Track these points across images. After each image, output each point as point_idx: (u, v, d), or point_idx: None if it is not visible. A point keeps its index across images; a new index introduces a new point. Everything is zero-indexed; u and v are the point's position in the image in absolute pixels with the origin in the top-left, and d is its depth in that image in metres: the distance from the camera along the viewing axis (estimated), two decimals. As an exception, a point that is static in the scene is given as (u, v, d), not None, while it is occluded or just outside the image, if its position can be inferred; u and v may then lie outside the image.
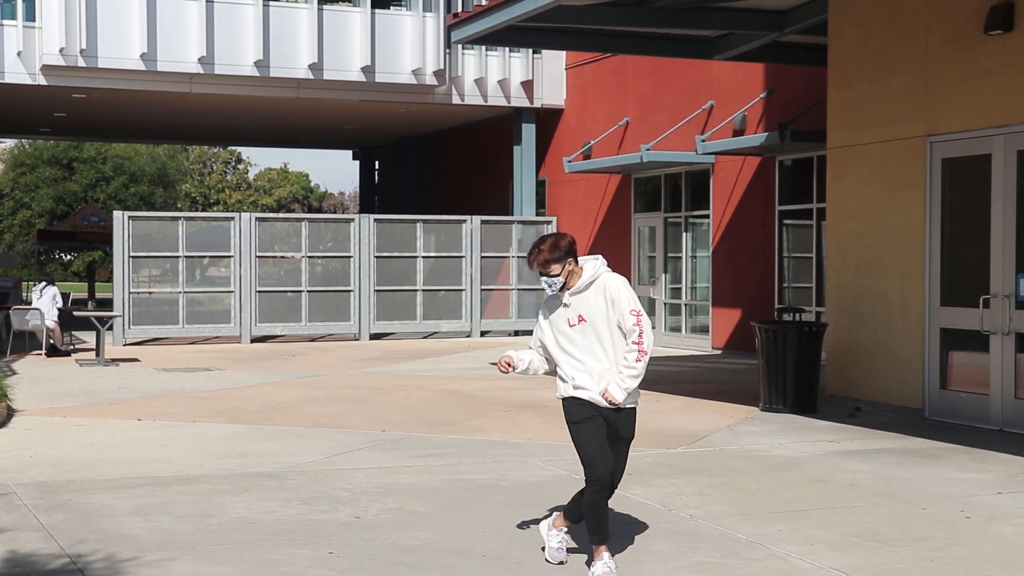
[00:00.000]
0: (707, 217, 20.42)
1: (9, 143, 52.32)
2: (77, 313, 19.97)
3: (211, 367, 17.22)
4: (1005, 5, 10.80)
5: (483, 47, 23.45)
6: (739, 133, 18.91)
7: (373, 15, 22.61)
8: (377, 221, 23.01)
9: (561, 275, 6.02)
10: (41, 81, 21.36)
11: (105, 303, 34.31)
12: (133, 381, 15.25)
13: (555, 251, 5.98)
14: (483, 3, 14.43)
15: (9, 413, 11.79)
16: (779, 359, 12.25)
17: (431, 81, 23.02)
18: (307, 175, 69.84)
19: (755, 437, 10.66)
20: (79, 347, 20.30)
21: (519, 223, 24.16)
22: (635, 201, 22.42)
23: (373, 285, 22.71)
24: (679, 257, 21.33)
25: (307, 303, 22.43)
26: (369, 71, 22.57)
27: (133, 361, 18.10)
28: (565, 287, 6.06)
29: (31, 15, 21.19)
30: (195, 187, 64.70)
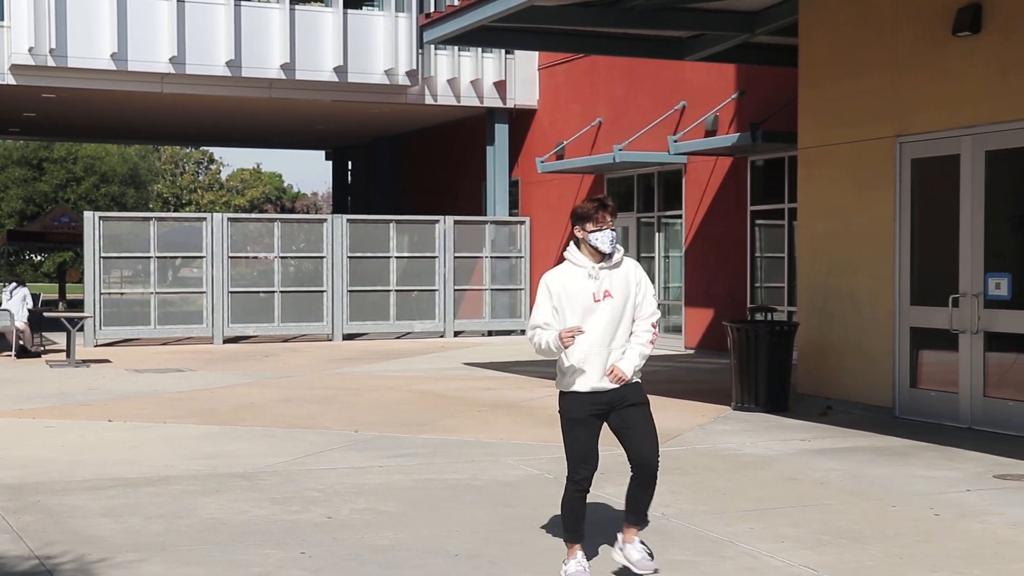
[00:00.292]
0: (679, 217, 20.48)
1: (-22, 143, 51.92)
2: (47, 314, 19.85)
3: (183, 368, 17.14)
4: (972, 7, 10.90)
5: (456, 47, 23.44)
6: (711, 134, 18.98)
7: (345, 15, 22.56)
8: (350, 221, 22.97)
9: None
10: (10, 81, 21.20)
11: (76, 304, 34.09)
12: (104, 382, 15.16)
13: (615, 212, 5.95)
14: (455, 3, 14.43)
15: (-22, 415, 11.70)
16: (751, 358, 12.31)
17: (404, 81, 22.99)
18: (280, 175, 69.63)
19: (727, 436, 10.71)
20: (49, 348, 20.15)
21: (492, 223, 24.17)
22: (608, 201, 22.41)
23: (346, 285, 22.66)
24: (652, 257, 21.38)
25: (280, 304, 22.35)
26: (341, 71, 22.52)
27: (104, 362, 18.00)
28: (600, 259, 5.88)
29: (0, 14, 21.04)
30: (167, 187, 64.38)
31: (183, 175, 65.81)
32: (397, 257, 23.25)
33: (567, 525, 6.03)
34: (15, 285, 19.75)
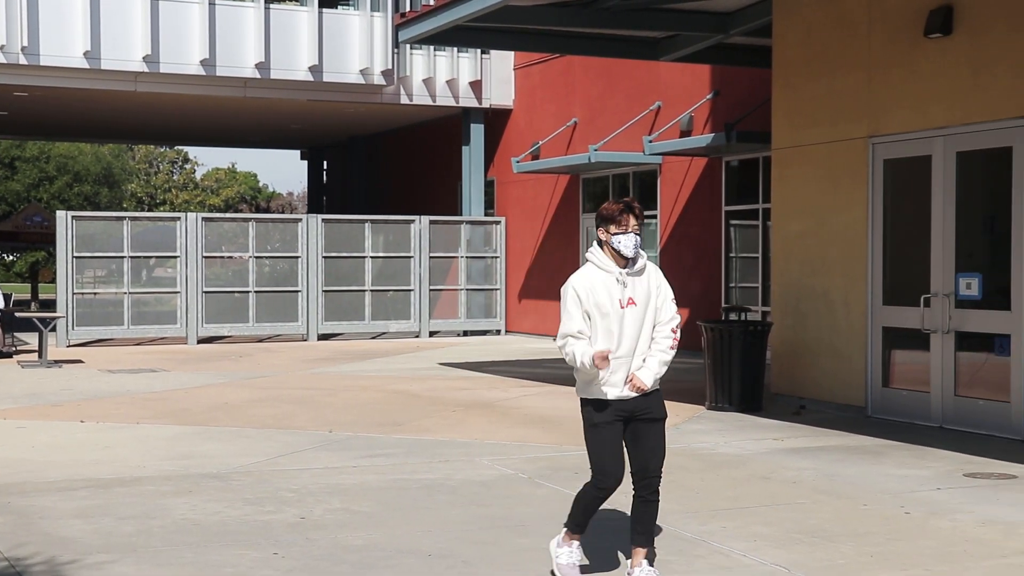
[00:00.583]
0: (655, 217, 20.53)
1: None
2: (19, 314, 19.68)
3: (156, 368, 17.06)
4: (944, 8, 10.97)
5: (431, 47, 23.43)
6: (686, 134, 19.03)
7: (320, 14, 22.51)
8: (325, 221, 22.92)
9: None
10: (-18, 79, 21.06)
11: (48, 304, 33.85)
12: (76, 383, 15.07)
13: (641, 214, 5.80)
14: (430, 3, 14.42)
15: (-52, 416, 11.62)
16: (725, 358, 12.36)
17: (379, 81, 22.95)
18: (255, 175, 69.39)
19: (701, 435, 10.75)
20: (21, 349, 20.02)
21: (468, 223, 24.17)
22: (583, 201, 22.50)
23: (321, 285, 22.62)
24: (627, 257, 21.39)
25: (254, 304, 22.28)
26: (317, 71, 22.46)
27: (77, 363, 17.89)
28: (624, 264, 5.77)
29: (-29, 12, 20.88)
30: (141, 187, 64.04)
31: (157, 174, 65.48)
32: (372, 257, 23.21)
33: (574, 517, 5.93)
34: (-13, 285, 19.58)
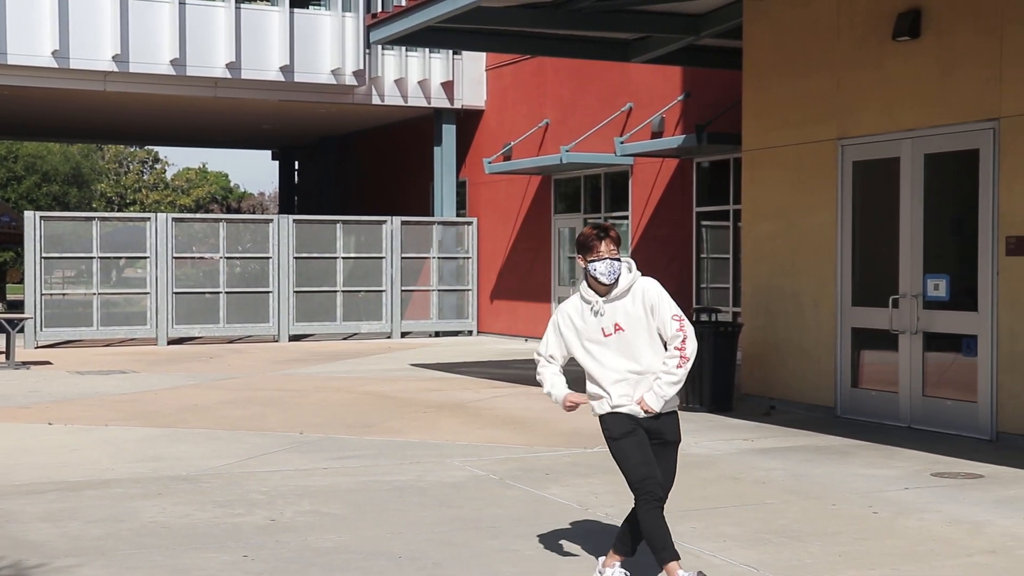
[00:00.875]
0: (626, 218, 20.58)
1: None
2: (-13, 315, 19.53)
3: (126, 370, 16.96)
4: (912, 12, 11.05)
5: (403, 48, 23.40)
6: (657, 135, 19.10)
7: (292, 14, 22.44)
8: (296, 222, 22.85)
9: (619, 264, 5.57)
10: (-51, 78, 20.88)
11: (16, 305, 33.59)
12: (45, 384, 14.96)
13: (617, 238, 5.60)
14: (402, 4, 14.41)
15: (-86, 418, 11.50)
16: (696, 359, 12.37)
17: (351, 81, 22.91)
18: (226, 175, 69.03)
19: (671, 436, 10.77)
20: (-11, 350, 19.85)
21: (439, 224, 24.16)
22: (555, 202, 22.53)
23: (292, 286, 22.55)
24: (598, 258, 21.43)
25: (225, 304, 22.19)
26: (288, 71, 22.39)
27: (45, 364, 17.75)
28: (605, 291, 5.61)
29: (-62, 10, 20.71)
30: (111, 187, 63.62)
31: (127, 174, 65.06)
32: (344, 258, 23.17)
33: (656, 545, 5.55)
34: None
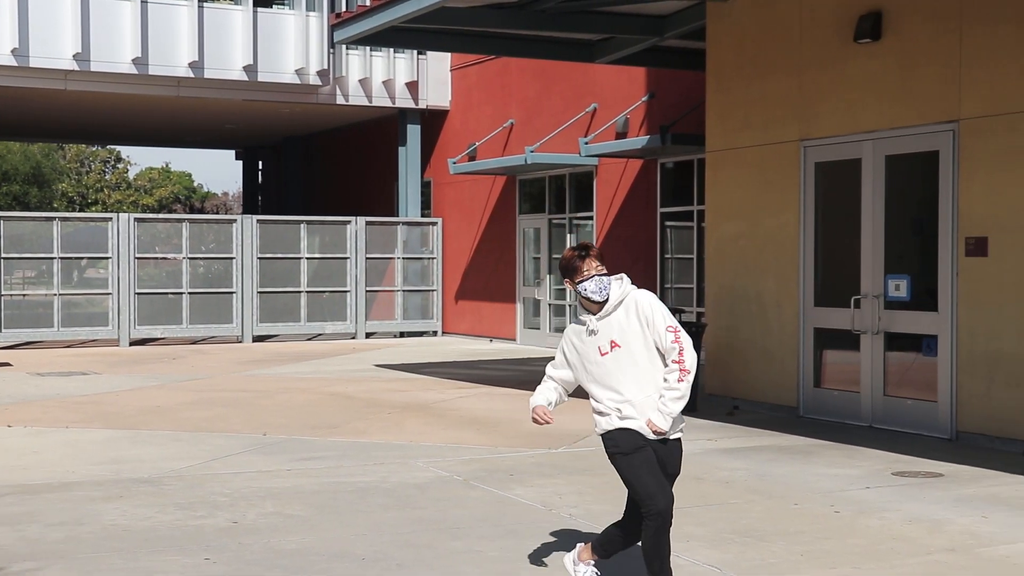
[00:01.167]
0: (591, 218, 20.62)
1: None
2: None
3: (87, 371, 16.81)
4: (873, 15, 11.14)
5: (367, 48, 23.33)
6: (622, 136, 19.14)
7: (255, 13, 22.31)
8: (260, 222, 22.73)
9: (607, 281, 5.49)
10: (-94, 76, 20.61)
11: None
12: (4, 386, 14.79)
13: (599, 255, 5.55)
14: (366, 4, 14.36)
15: None
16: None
17: (315, 81, 22.81)
18: (190, 175, 68.54)
19: (635, 436, 10.80)
20: (-52, 351, 19.64)
21: (404, 224, 24.11)
22: (520, 202, 22.53)
23: (256, 287, 22.43)
24: (563, 258, 21.45)
25: (188, 305, 22.05)
26: (251, 70, 22.26)
27: (5, 365, 17.56)
28: (597, 309, 5.53)
29: None
30: (72, 187, 63.02)
31: (89, 174, 64.48)
32: (308, 258, 23.07)
33: (654, 568, 5.40)
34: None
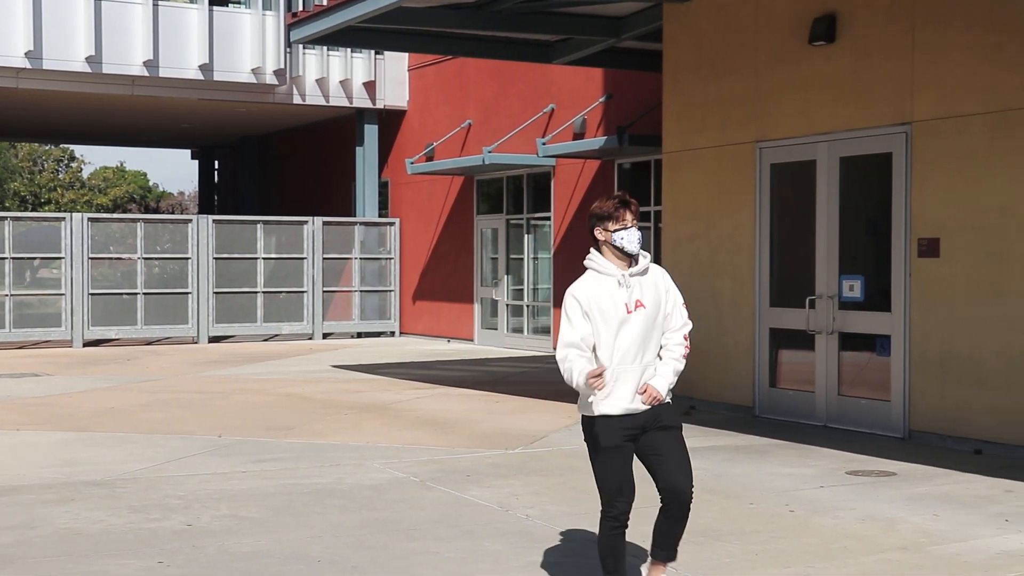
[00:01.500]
0: (548, 219, 20.65)
1: None
2: None
3: (39, 372, 16.61)
4: (827, 17, 11.23)
5: (324, 47, 23.23)
6: (579, 136, 19.18)
7: (211, 12, 22.14)
8: (216, 222, 22.58)
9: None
10: None
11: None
12: (-45, 388, 14.61)
13: (637, 211, 5.41)
14: (323, 3, 14.29)
15: None
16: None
17: (271, 80, 22.68)
18: (145, 174, 67.90)
19: (592, 436, 10.81)
20: None
21: (361, 224, 24.03)
22: (477, 203, 22.52)
23: (212, 287, 22.27)
24: (521, 259, 21.50)
25: (143, 305, 21.85)
26: (207, 69, 22.10)
27: (-45, 367, 17.36)
28: (627, 264, 5.37)
29: None
30: (24, 186, 62.27)
31: (42, 173, 63.73)
32: (265, 258, 22.94)
33: (606, 566, 5.33)
34: None
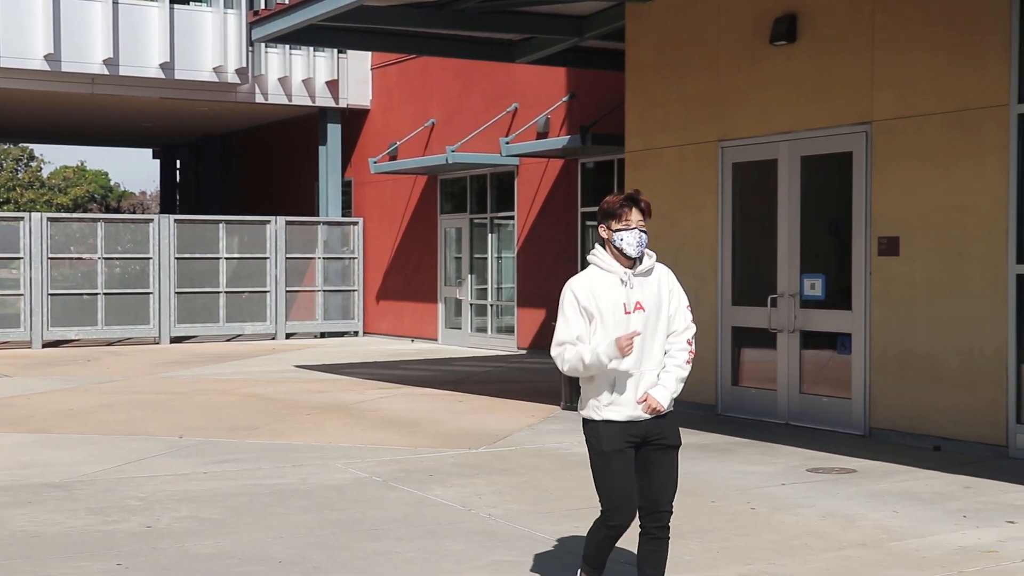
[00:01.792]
0: (512, 218, 20.65)
1: None
2: None
3: (-2, 374, 16.45)
4: (788, 17, 11.29)
5: (287, 46, 23.12)
6: (543, 136, 19.20)
7: (172, 10, 21.98)
8: (178, 222, 22.42)
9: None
10: None
11: None
12: (-89, 390, 14.43)
13: (648, 209, 5.23)
14: (285, 2, 14.22)
15: None
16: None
17: (233, 79, 22.54)
18: (106, 174, 67.31)
19: (555, 436, 10.83)
20: None
21: (324, 224, 23.94)
22: (441, 202, 22.49)
23: (174, 287, 22.11)
24: (485, 258, 21.50)
25: (104, 306, 21.66)
26: (168, 68, 21.93)
27: (-88, 369, 17.14)
28: (629, 265, 5.22)
29: None
30: (-17, 185, 61.58)
31: (0, 172, 63.08)
32: (227, 258, 22.80)
33: (588, 556, 5.31)
34: None
